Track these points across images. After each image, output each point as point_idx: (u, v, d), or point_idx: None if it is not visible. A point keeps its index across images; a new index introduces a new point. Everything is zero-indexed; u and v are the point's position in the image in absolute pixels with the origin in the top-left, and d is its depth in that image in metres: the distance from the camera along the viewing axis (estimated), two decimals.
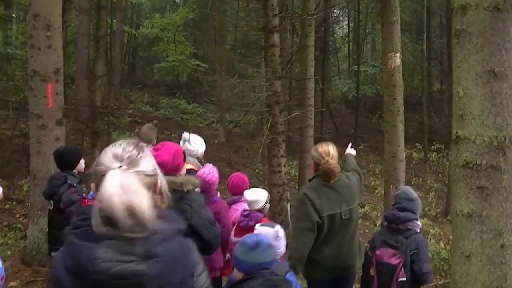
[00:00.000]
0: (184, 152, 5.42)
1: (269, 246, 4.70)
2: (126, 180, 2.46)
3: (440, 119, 28.40)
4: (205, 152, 7.74)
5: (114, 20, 26.91)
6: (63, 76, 9.91)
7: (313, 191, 6.21)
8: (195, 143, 7.58)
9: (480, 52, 4.27)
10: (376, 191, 21.50)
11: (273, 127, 13.62)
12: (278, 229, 5.57)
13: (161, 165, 4.38)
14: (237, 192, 7.50)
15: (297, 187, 17.91)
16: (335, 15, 35.30)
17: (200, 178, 6.13)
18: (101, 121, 17.96)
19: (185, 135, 7.70)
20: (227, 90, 16.45)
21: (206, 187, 6.53)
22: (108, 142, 17.58)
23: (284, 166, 14.11)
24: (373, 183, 22.85)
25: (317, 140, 23.85)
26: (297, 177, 18.36)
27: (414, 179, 24.39)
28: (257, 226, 5.76)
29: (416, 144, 27.86)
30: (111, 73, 25.17)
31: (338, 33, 42.73)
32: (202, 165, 7.16)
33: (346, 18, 40.58)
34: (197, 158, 7.55)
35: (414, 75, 35.90)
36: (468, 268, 4.35)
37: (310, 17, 16.64)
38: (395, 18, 13.51)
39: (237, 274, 4.62)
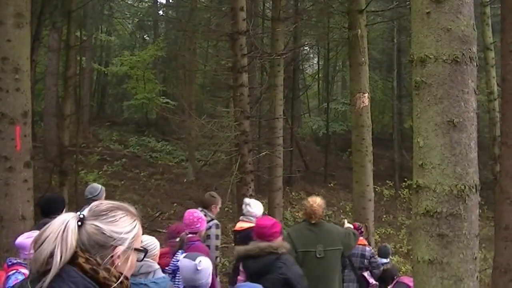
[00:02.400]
0: (282, 228, 6.83)
1: None
2: (67, 226, 2.48)
3: (411, 156, 28.53)
4: (174, 191, 8.63)
5: (83, 58, 26.89)
6: (31, 117, 9.91)
7: (294, 231, 7.43)
8: (255, 206, 9.07)
9: (439, 103, 4.36)
10: None
11: (242, 166, 13.67)
12: (198, 262, 5.50)
13: (262, 227, 6.50)
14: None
15: None
16: (305, 52, 35.52)
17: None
18: (70, 160, 17.85)
19: (246, 200, 9.49)
20: (196, 129, 16.45)
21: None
22: (77, 181, 17.47)
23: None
24: (343, 221, 22.82)
25: (287, 179, 23.87)
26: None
27: (385, 216, 24.45)
28: (181, 257, 5.86)
29: (387, 181, 27.88)
30: (80, 111, 25.08)
31: (308, 71, 42.95)
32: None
33: (316, 56, 40.81)
34: (255, 216, 8.83)
35: (385, 112, 36.18)
36: None
37: (279, 57, 16.77)
38: (363, 59, 13.71)
39: None
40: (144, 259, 5.03)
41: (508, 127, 9.33)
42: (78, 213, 2.56)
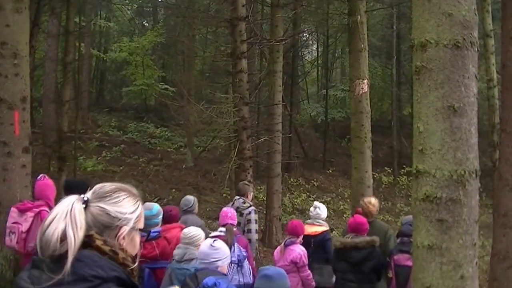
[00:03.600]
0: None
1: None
2: (74, 207, 2.47)
3: (410, 143, 28.40)
4: (173, 176, 9.39)
5: (82, 44, 26.76)
6: (30, 103, 9.87)
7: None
8: (324, 210, 10.16)
9: (440, 88, 4.34)
10: (345, 215, 21.46)
11: (241, 152, 13.67)
12: (213, 241, 6.17)
13: (361, 223, 8.32)
14: (294, 233, 8.87)
15: (265, 212, 17.88)
16: (304, 39, 35.34)
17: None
18: (68, 146, 17.81)
19: (316, 203, 10.36)
20: (195, 115, 16.42)
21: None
22: (75, 167, 17.44)
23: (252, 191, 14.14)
24: (341, 207, 22.87)
25: (285, 166, 23.84)
26: (265, 202, 18.33)
27: (383, 203, 24.32)
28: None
29: (386, 168, 27.80)
30: (79, 97, 24.98)
31: (307, 57, 42.74)
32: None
33: (315, 42, 40.63)
34: (322, 220, 10.03)
35: (384, 99, 35.99)
36: None
37: (278, 43, 16.72)
38: (362, 45, 13.66)
39: None
40: (189, 247, 6.50)
41: (508, 114, 9.30)
42: (82, 195, 2.55)
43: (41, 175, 8.37)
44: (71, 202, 2.49)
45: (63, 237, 2.38)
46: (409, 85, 30.67)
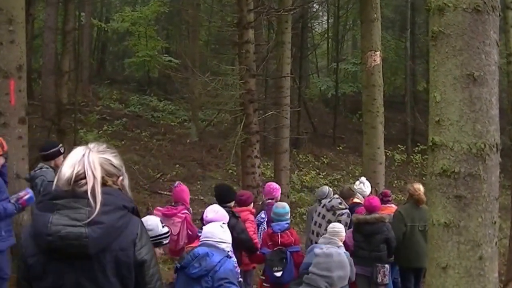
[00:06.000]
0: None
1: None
2: (90, 154, 3.11)
3: (425, 120, 28.12)
4: (176, 151, 10.13)
5: (83, 13, 26.50)
6: (27, 72, 9.59)
7: (404, 210, 9.98)
8: (368, 187, 10.94)
9: (458, 55, 4.13)
10: None
11: (247, 126, 13.41)
12: (222, 223, 6.72)
13: (375, 205, 9.37)
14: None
15: None
16: (314, 10, 34.95)
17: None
18: (68, 119, 17.52)
19: (363, 178, 11.23)
20: (200, 88, 16.14)
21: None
22: (76, 140, 17.17)
23: (259, 167, 13.92)
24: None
25: (294, 141, 23.52)
26: (273, 179, 18.03)
27: (396, 181, 24.05)
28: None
29: (399, 145, 27.47)
30: (79, 69, 24.69)
31: (316, 29, 42.33)
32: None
33: (326, 14, 40.16)
34: (363, 196, 10.66)
35: (397, 74, 35.28)
36: (444, 280, 4.22)
37: (286, 13, 16.38)
38: (375, 15, 13.45)
39: None
40: (333, 237, 7.93)
41: None
42: (86, 147, 3.17)
43: (177, 182, 9.53)
44: (85, 151, 3.13)
45: (84, 177, 3.05)
46: (424, 59, 30.27)
